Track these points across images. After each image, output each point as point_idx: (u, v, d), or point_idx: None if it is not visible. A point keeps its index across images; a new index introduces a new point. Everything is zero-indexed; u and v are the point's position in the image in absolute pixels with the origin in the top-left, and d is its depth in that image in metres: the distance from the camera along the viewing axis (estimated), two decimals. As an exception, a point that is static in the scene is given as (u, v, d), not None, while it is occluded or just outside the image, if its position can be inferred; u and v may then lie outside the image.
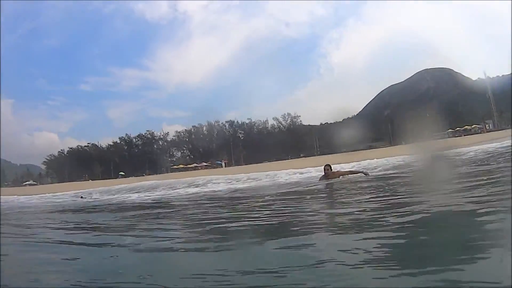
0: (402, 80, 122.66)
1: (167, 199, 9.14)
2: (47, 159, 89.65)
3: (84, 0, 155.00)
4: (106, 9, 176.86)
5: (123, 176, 69.44)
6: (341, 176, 7.70)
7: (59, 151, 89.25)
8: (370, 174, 8.18)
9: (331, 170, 7.86)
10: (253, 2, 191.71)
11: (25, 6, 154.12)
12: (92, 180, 68.67)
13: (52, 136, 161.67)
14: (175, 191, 12.99)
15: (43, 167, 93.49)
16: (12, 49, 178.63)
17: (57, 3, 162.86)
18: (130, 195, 11.80)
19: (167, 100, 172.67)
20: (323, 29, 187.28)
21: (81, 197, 12.22)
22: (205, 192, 10.16)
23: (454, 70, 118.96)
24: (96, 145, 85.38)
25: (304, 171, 13.85)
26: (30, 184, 72.73)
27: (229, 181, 14.81)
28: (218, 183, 14.76)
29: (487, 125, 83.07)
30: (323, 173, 7.77)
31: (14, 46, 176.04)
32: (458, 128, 68.43)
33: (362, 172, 8.18)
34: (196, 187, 14.09)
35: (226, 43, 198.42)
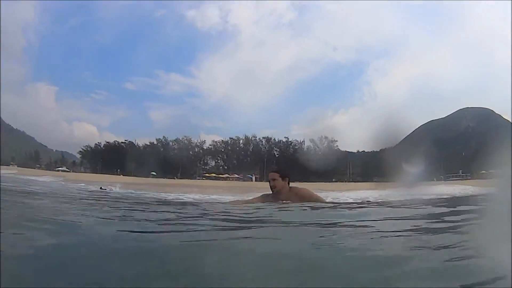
0: (443, 117, 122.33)
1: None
2: (83, 149, 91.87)
3: (137, 0, 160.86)
4: (157, 13, 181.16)
5: (154, 176, 70.50)
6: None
7: (96, 143, 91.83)
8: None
9: (286, 183, 4.24)
10: (303, 22, 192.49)
11: (78, 1, 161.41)
12: (124, 175, 69.83)
13: (91, 128, 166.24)
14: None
15: (78, 156, 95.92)
16: (62, 39, 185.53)
17: (110, 2, 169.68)
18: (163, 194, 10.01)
19: (208, 109, 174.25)
20: (370, 56, 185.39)
21: (101, 188, 11.06)
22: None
23: (495, 111, 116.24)
24: (132, 142, 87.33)
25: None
26: (62, 170, 74.26)
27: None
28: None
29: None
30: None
31: (64, 37, 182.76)
32: (492, 171, 68.33)
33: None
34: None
35: (273, 60, 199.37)
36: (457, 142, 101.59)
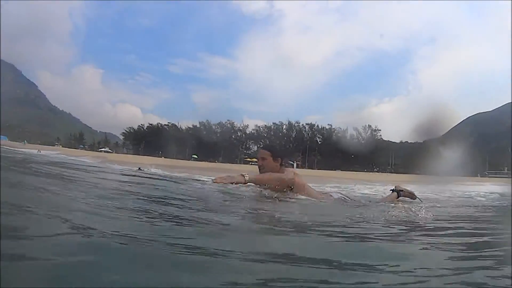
0: (490, 110, 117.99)
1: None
2: (126, 130, 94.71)
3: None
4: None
5: (195, 159, 71.74)
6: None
7: (139, 125, 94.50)
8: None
9: (278, 165, 3.26)
10: (350, 8, 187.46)
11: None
12: (165, 157, 71.43)
13: (135, 110, 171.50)
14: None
15: (121, 137, 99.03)
16: (108, 22, 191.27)
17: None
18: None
19: (252, 93, 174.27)
20: (416, 45, 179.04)
21: (139, 169, 11.80)
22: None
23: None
24: (175, 125, 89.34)
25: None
26: (105, 151, 76.60)
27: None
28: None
29: None
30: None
31: (110, 20, 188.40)
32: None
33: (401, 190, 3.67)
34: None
35: (318, 46, 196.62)
36: (503, 137, 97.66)
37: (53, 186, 2.32)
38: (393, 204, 3.25)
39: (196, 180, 4.56)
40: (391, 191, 3.69)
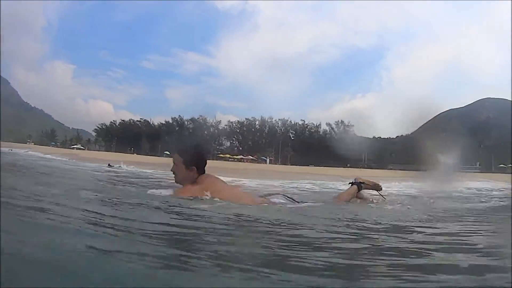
0: (462, 106, 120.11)
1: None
2: (98, 127, 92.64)
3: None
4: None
5: (168, 156, 70.33)
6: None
7: (111, 122, 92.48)
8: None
9: (192, 173, 2.76)
10: (326, 5, 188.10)
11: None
12: (137, 154, 70.13)
13: (107, 106, 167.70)
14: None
15: (94, 134, 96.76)
16: (81, 18, 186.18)
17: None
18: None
19: (225, 88, 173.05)
20: (390, 42, 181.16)
21: (109, 165, 11.46)
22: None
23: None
24: (148, 121, 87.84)
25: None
26: (77, 148, 74.57)
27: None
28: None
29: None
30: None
31: (83, 16, 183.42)
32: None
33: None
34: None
35: (292, 42, 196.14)
36: (475, 133, 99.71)
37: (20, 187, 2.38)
38: (349, 201, 3.10)
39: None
40: (350, 184, 3.32)
